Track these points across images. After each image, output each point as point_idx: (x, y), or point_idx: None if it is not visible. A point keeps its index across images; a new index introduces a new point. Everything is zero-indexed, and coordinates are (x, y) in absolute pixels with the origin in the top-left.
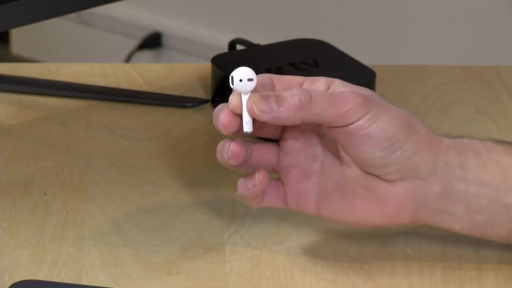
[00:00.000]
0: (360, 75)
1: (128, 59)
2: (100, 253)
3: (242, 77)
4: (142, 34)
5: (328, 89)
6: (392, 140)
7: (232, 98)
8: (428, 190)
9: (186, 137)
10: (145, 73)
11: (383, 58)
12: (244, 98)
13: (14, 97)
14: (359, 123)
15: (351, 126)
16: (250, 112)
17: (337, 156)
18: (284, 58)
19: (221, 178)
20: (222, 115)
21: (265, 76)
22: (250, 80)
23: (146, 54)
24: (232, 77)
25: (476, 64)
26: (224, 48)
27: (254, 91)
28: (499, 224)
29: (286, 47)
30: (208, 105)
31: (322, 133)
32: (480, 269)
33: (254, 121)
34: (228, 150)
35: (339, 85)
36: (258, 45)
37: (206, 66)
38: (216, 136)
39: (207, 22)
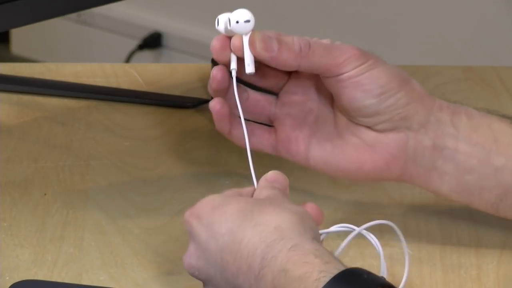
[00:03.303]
0: None
1: (128, 59)
2: (100, 253)
3: (239, 19)
4: (142, 34)
5: None
6: (385, 88)
7: (235, 39)
8: (418, 143)
9: (186, 137)
10: (145, 73)
11: (383, 58)
12: (245, 39)
13: (15, 97)
14: (352, 72)
15: (344, 75)
16: (251, 46)
17: (332, 110)
18: None
19: (221, 178)
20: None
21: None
22: (247, 21)
23: (146, 54)
24: (228, 19)
25: (476, 64)
26: None
27: None
28: (488, 188)
29: None
30: (208, 105)
31: (321, 87)
32: (480, 269)
33: (257, 70)
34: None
35: None
36: None
37: (206, 66)
38: (216, 136)
39: (207, 22)
